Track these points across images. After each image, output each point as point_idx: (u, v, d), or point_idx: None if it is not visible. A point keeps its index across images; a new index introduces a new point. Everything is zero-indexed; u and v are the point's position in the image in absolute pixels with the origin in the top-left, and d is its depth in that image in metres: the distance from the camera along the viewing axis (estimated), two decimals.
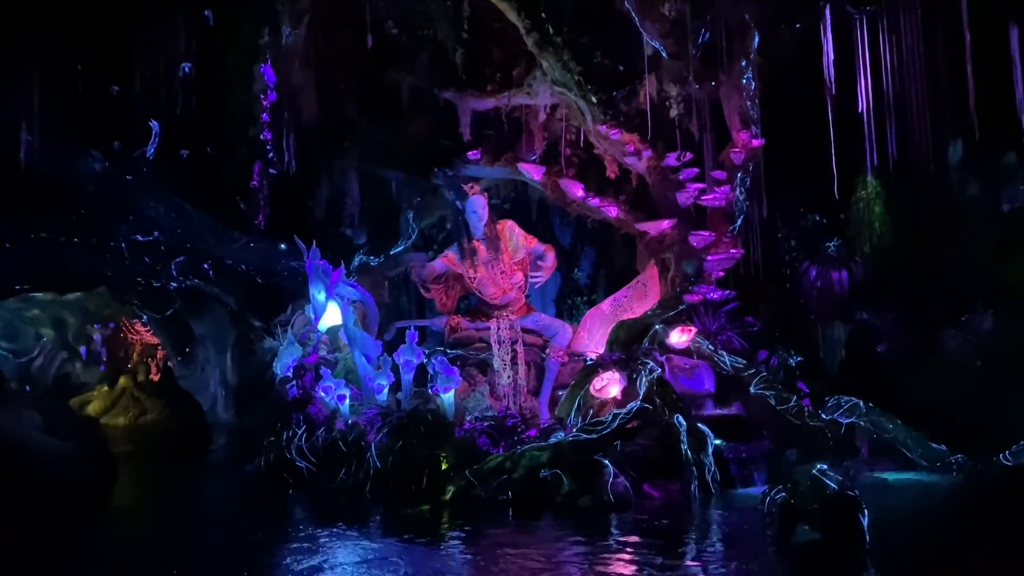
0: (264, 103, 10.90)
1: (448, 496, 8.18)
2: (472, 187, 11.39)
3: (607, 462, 7.88)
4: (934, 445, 8.99)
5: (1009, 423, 9.15)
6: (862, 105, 10.77)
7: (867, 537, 5.56)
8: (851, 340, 11.03)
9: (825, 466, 5.97)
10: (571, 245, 15.26)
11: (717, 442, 8.35)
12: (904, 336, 10.84)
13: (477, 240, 11.20)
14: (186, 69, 10.98)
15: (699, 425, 8.32)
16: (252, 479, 9.67)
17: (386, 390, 9.55)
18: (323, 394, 9.52)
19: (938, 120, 10.47)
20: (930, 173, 10.69)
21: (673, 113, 10.92)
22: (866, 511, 5.56)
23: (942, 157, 10.79)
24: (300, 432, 9.38)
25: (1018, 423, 9.11)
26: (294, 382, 9.77)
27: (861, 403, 9.21)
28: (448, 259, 11.38)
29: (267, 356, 11.26)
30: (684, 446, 8.05)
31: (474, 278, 11.10)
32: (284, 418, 9.77)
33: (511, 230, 11.44)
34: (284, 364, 9.95)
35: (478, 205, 11.19)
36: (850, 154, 11.18)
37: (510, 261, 11.13)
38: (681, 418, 8.25)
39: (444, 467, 8.45)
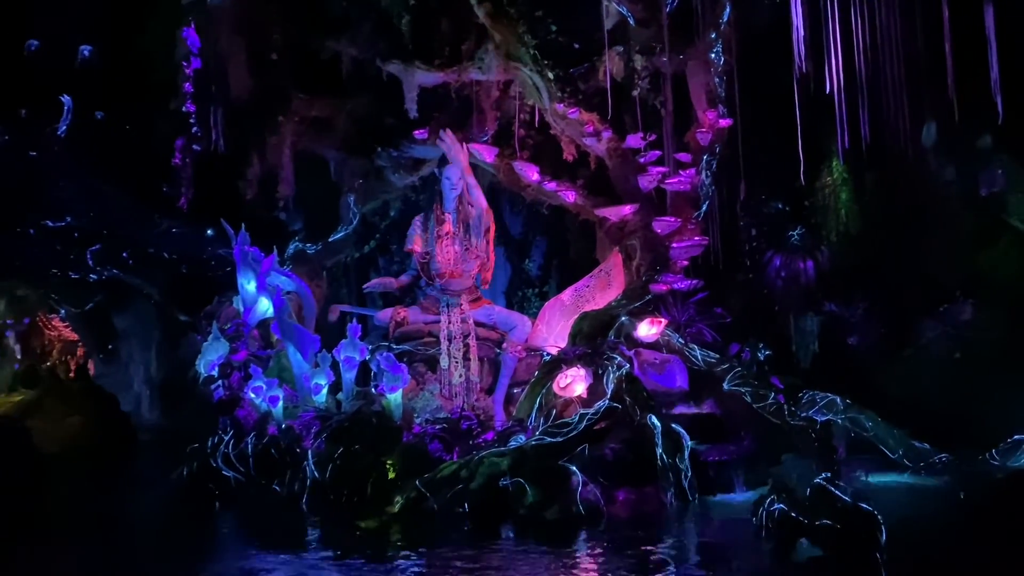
0: (187, 71, 9.81)
1: (396, 509, 7.37)
2: None
3: (575, 468, 7.09)
4: (917, 444, 8.47)
5: (992, 419, 8.70)
6: (831, 85, 10.17)
7: (884, 557, 4.84)
8: (822, 333, 10.51)
9: (828, 473, 5.24)
10: (522, 234, 14.61)
11: (691, 444, 7.61)
12: (877, 328, 10.35)
13: (448, 212, 10.33)
14: (87, 50, 9.89)
15: (673, 426, 7.59)
16: (175, 490, 8.79)
17: (325, 390, 8.77)
18: (253, 395, 8.66)
19: (912, 101, 9.98)
20: (904, 156, 10.19)
21: (636, 91, 10.19)
22: (883, 528, 4.83)
23: (915, 140, 10.31)
24: (227, 438, 8.50)
25: (1002, 419, 8.67)
26: (220, 382, 8.82)
27: (838, 399, 8.70)
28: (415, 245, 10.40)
29: (195, 352, 10.38)
30: (659, 449, 7.30)
31: (427, 252, 10.20)
32: (210, 422, 8.92)
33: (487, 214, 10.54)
34: (208, 362, 9.01)
35: (453, 175, 10.27)
36: (815, 138, 10.74)
37: (472, 248, 10.28)
38: (654, 418, 7.51)
39: (391, 476, 7.69)
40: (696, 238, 10.19)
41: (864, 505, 4.93)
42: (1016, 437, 8.24)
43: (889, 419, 8.72)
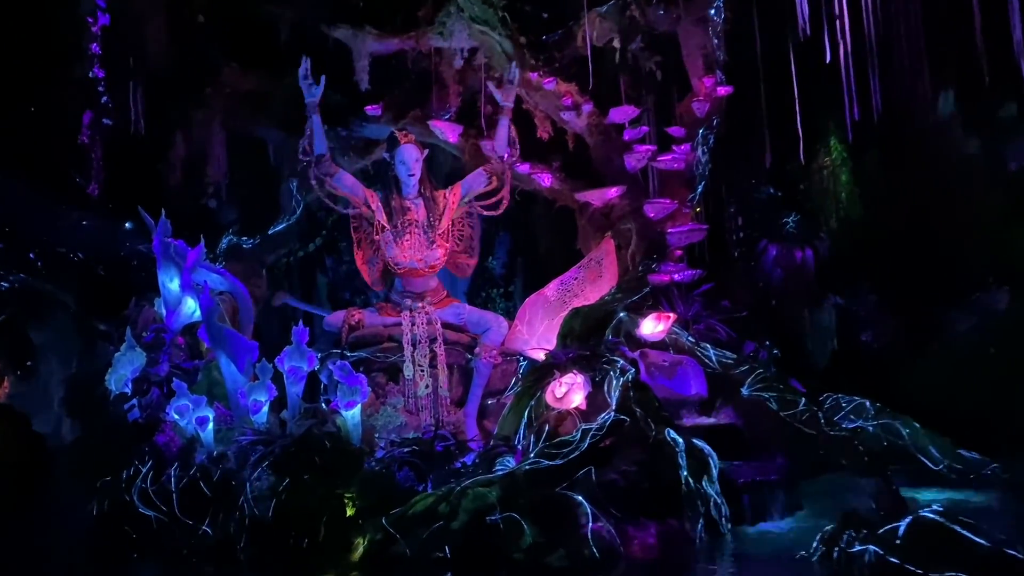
0: (94, 29, 8.34)
1: (357, 555, 6.02)
2: (406, 134, 9.02)
3: (581, 499, 5.76)
4: (964, 453, 7.43)
5: None
6: (837, 49, 9.19)
7: None
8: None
9: (936, 505, 4.00)
10: (484, 229, 13.54)
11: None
12: (894, 321, 9.37)
13: (408, 199, 8.89)
14: None
15: (696, 442, 6.31)
16: (85, 532, 7.27)
17: (265, 408, 7.29)
18: (176, 416, 7.16)
19: (930, 66, 9.05)
20: (920, 129, 9.27)
21: (629, 52, 9.07)
22: None
23: (932, 111, 9.39)
24: (145, 470, 7.00)
25: None
26: (135, 401, 7.32)
27: (867, 403, 7.75)
28: (369, 193, 8.92)
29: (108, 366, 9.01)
30: (684, 471, 6.01)
31: (385, 229, 8.75)
32: (124, 450, 7.43)
33: (455, 194, 8.90)
34: (120, 377, 7.49)
35: (407, 156, 8.67)
36: (810, 114, 9.87)
37: (438, 232, 8.78)
38: (673, 433, 6.22)
39: (350, 513, 6.28)
40: (692, 223, 9.13)
41: (1008, 550, 3.65)
42: None
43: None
